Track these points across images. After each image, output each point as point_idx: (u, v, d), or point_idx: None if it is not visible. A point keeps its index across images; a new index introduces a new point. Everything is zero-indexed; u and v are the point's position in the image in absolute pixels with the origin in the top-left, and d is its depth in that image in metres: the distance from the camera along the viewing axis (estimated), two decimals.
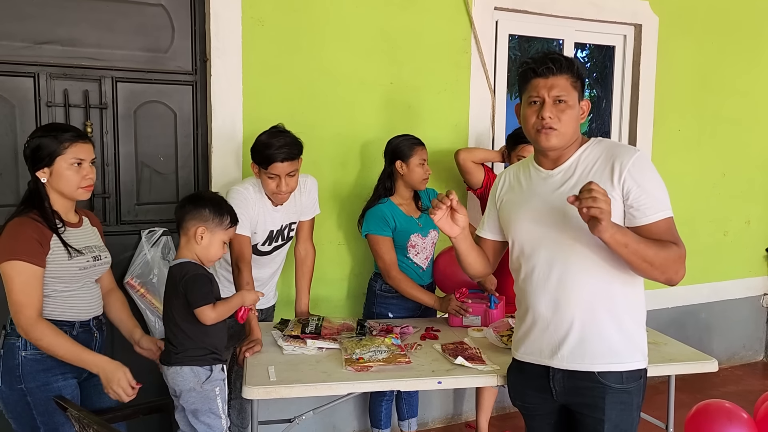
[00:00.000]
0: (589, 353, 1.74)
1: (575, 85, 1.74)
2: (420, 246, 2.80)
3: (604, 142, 1.80)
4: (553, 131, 1.72)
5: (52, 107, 2.64)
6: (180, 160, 2.89)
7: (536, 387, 1.85)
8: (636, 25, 3.78)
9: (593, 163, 1.74)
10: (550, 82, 1.72)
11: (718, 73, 4.05)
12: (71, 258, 1.93)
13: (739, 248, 4.31)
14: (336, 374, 2.14)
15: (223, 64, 2.81)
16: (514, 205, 1.87)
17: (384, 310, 2.82)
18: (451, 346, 2.39)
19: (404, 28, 3.16)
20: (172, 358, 1.97)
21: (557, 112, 1.71)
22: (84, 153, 1.96)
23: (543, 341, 1.80)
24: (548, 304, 1.77)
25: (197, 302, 1.94)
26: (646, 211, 1.67)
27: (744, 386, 4.02)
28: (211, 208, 2.01)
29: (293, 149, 2.44)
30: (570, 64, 1.73)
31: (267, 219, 2.55)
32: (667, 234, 1.68)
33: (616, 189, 1.68)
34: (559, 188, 1.76)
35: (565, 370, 1.77)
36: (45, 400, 1.91)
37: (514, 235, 1.85)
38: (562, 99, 1.72)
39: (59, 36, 2.63)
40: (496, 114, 3.45)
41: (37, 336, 1.85)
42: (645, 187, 1.67)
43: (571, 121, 1.73)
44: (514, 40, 3.85)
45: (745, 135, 4.21)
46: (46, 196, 1.94)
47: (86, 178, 1.96)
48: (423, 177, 2.76)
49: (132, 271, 2.73)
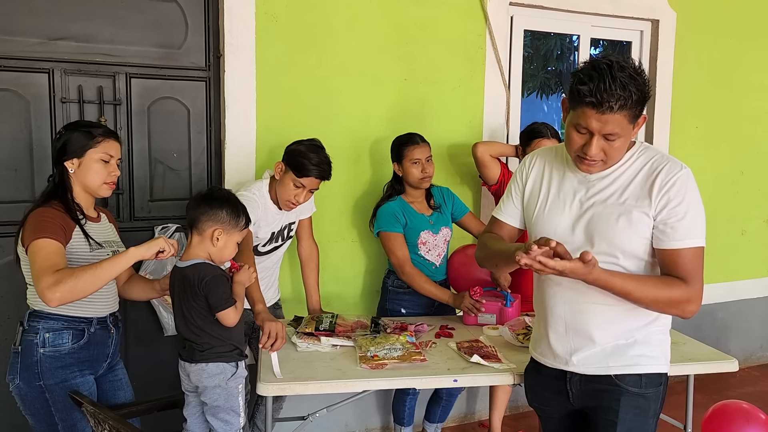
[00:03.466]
0: (606, 357, 1.70)
1: (634, 116, 1.52)
2: (431, 243, 2.77)
3: (651, 150, 1.67)
4: (596, 163, 1.60)
5: (66, 103, 2.64)
6: (193, 157, 2.89)
7: (553, 389, 1.82)
8: (653, 20, 3.73)
9: (635, 173, 1.63)
10: (606, 118, 1.49)
11: (736, 70, 3.99)
12: (92, 250, 1.94)
13: (756, 247, 4.25)
14: (350, 371, 2.12)
15: (237, 60, 2.80)
16: (543, 204, 1.75)
17: (396, 306, 2.81)
18: (467, 344, 2.37)
19: (418, 24, 3.14)
20: (197, 355, 1.93)
21: (606, 146, 1.55)
22: (114, 150, 2.01)
23: (560, 345, 1.76)
24: (567, 308, 1.73)
25: (220, 306, 1.90)
26: (674, 235, 1.58)
27: (762, 387, 3.97)
28: (228, 210, 1.97)
29: (328, 170, 2.50)
30: (634, 99, 1.48)
31: (270, 221, 2.56)
32: (687, 265, 1.58)
33: (652, 202, 1.59)
34: (594, 196, 1.66)
35: (583, 374, 1.73)
36: (63, 396, 1.91)
37: (540, 233, 1.73)
38: (613, 137, 1.53)
39: (73, 32, 2.63)
40: (510, 110, 3.42)
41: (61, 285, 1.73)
42: (679, 210, 1.57)
43: (620, 150, 1.59)
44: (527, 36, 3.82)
45: (764, 133, 4.15)
46: (70, 188, 1.97)
47: (112, 174, 2.01)
48: (419, 177, 2.71)
49: (145, 267, 2.72)
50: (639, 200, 1.60)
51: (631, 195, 1.62)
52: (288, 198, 2.48)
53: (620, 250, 1.62)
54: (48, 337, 1.91)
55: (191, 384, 1.98)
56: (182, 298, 1.94)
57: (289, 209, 2.55)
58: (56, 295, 1.73)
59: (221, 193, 2.06)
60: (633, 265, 1.64)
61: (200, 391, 1.96)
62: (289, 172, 2.46)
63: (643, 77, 1.53)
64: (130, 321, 2.77)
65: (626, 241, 1.62)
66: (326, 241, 3.02)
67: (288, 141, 2.65)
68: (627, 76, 1.48)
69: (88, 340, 1.97)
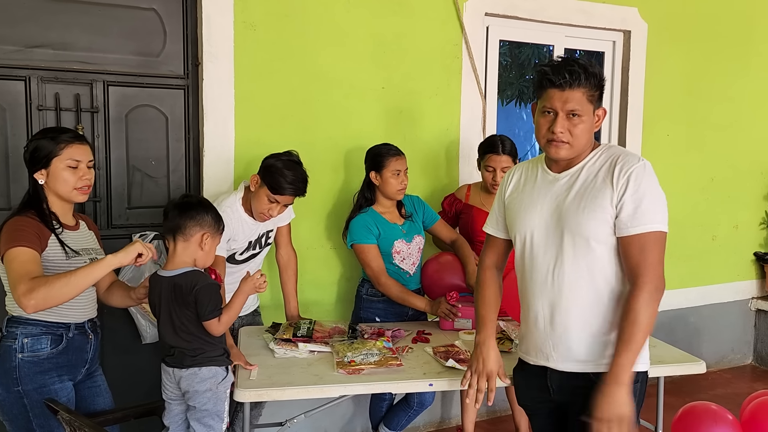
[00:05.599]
0: (584, 355, 1.76)
1: (592, 97, 1.71)
2: (405, 252, 2.80)
3: (613, 148, 1.79)
4: (563, 144, 1.72)
5: (43, 111, 2.64)
6: (171, 164, 2.89)
7: (536, 386, 1.87)
8: (625, 31, 3.82)
9: (598, 169, 1.74)
10: (566, 95, 1.68)
11: (706, 80, 4.09)
12: (68, 258, 1.94)
13: (727, 252, 4.35)
14: (327, 377, 2.14)
15: (215, 68, 2.82)
16: (519, 205, 1.88)
17: (371, 314, 2.82)
18: (443, 349, 2.40)
19: (396, 33, 3.19)
20: (188, 360, 1.95)
21: (570, 126, 1.70)
22: (80, 154, 1.97)
23: (541, 341, 1.83)
24: (546, 304, 1.80)
25: (209, 315, 1.93)
26: (630, 222, 1.66)
27: (732, 389, 4.05)
28: (212, 214, 2.02)
29: (303, 188, 2.48)
30: (588, 76, 1.68)
31: (246, 231, 2.56)
32: (637, 255, 1.66)
33: (613, 191, 1.68)
34: (562, 193, 1.78)
35: (561, 370, 1.79)
36: (41, 402, 1.91)
37: (518, 234, 1.87)
38: (576, 113, 1.69)
39: (51, 39, 2.63)
40: (486, 119, 3.47)
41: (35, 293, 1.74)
42: (638, 196, 1.66)
43: (584, 134, 1.72)
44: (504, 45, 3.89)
45: (733, 140, 4.26)
46: (44, 198, 1.96)
47: (82, 179, 1.98)
48: (397, 188, 2.74)
49: (122, 275, 2.72)
50: (601, 191, 1.70)
51: (594, 187, 1.73)
52: (262, 211, 2.49)
53: (589, 238, 1.71)
54: (26, 343, 1.91)
55: (177, 390, 1.99)
56: (172, 306, 1.95)
57: (262, 221, 2.57)
58: (31, 302, 1.75)
59: (200, 199, 2.10)
60: (604, 250, 1.71)
61: (189, 396, 1.96)
62: (264, 187, 2.45)
63: (596, 68, 1.72)
64: (108, 329, 2.75)
65: (592, 229, 1.71)
66: (305, 248, 3.04)
67: (267, 149, 2.67)
68: (580, 63, 1.70)
69: (66, 346, 1.97)
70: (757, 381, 4.22)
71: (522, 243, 1.86)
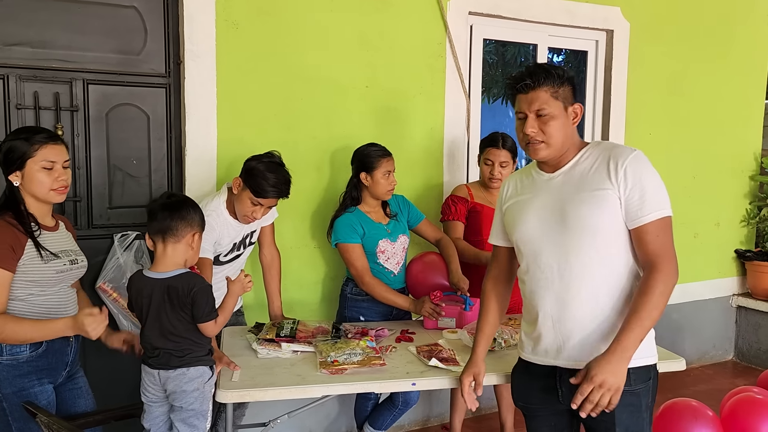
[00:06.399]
0: (595, 351, 1.74)
1: (557, 94, 1.75)
2: (390, 251, 2.80)
3: (603, 144, 1.82)
4: (540, 144, 1.76)
5: (22, 110, 2.60)
6: (153, 164, 2.87)
7: (542, 388, 1.86)
8: (608, 30, 3.85)
9: (592, 163, 1.77)
10: (530, 97, 1.75)
11: (688, 78, 4.13)
12: (46, 262, 1.92)
13: (708, 250, 4.40)
14: (310, 377, 2.13)
15: (197, 67, 2.80)
16: (518, 208, 1.90)
17: (355, 313, 2.82)
18: (426, 348, 2.40)
19: (380, 32, 3.18)
20: (175, 361, 1.93)
21: (540, 125, 1.75)
22: (55, 155, 1.94)
23: (549, 340, 1.82)
24: (553, 302, 1.80)
25: (206, 317, 1.93)
26: (642, 209, 1.69)
27: (713, 385, 4.10)
28: (199, 212, 2.02)
29: (286, 189, 2.46)
30: (548, 75, 1.74)
31: (231, 233, 2.55)
32: (653, 242, 1.69)
33: (614, 185, 1.71)
34: (560, 189, 1.80)
35: (572, 369, 1.78)
36: (21, 406, 1.88)
37: (519, 236, 1.88)
38: (543, 112, 1.74)
39: (29, 38, 2.60)
40: (471, 118, 3.48)
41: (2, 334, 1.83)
42: (641, 185, 1.69)
43: (558, 131, 1.75)
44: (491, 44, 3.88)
45: (714, 139, 4.31)
46: (21, 200, 1.92)
47: (58, 180, 1.94)
48: (387, 188, 2.75)
49: (104, 275, 2.70)
50: (600, 183, 1.72)
51: (592, 180, 1.74)
52: (245, 214, 2.48)
53: (593, 230, 1.72)
54: (5, 347, 1.88)
55: (161, 392, 1.97)
56: (164, 309, 1.93)
57: (246, 223, 2.56)
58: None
59: (185, 198, 2.08)
60: (609, 240, 1.72)
61: (176, 397, 1.95)
62: (246, 190, 2.43)
63: (559, 67, 1.77)
64: None
65: (594, 220, 1.72)
66: (288, 248, 3.03)
67: (249, 148, 2.66)
68: (539, 65, 1.78)
69: (46, 348, 1.95)
70: (738, 377, 4.27)
71: (524, 245, 1.87)
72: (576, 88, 1.80)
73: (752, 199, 4.56)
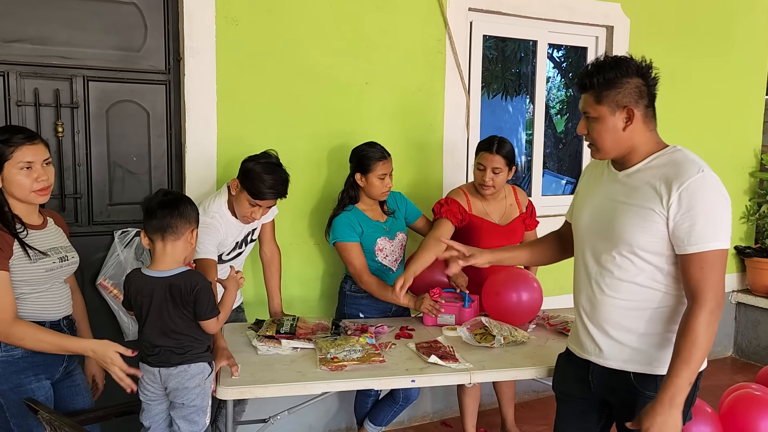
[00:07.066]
0: (625, 353, 1.76)
1: (601, 98, 1.72)
2: (388, 249, 2.81)
3: (677, 153, 1.73)
4: (591, 145, 1.80)
5: (22, 107, 2.60)
6: (153, 160, 2.87)
7: (576, 376, 1.92)
8: (608, 26, 3.84)
9: (654, 175, 1.70)
10: (583, 97, 1.78)
11: (687, 75, 4.13)
12: (34, 261, 1.91)
13: None
14: (310, 374, 2.15)
15: (197, 63, 2.80)
16: (581, 199, 1.94)
17: (355, 310, 2.83)
18: (425, 345, 2.41)
19: (379, 28, 3.18)
20: (176, 358, 1.94)
21: (588, 127, 1.78)
22: (32, 155, 1.90)
23: (583, 335, 1.86)
24: (586, 300, 1.84)
25: (208, 314, 1.95)
26: (690, 239, 1.63)
27: (713, 381, 4.10)
28: (195, 207, 2.03)
29: (284, 190, 2.46)
30: (593, 79, 1.73)
31: (234, 233, 2.56)
32: (695, 274, 1.62)
33: (663, 207, 1.65)
34: (616, 191, 1.78)
35: (603, 366, 1.81)
36: (18, 402, 1.89)
37: (574, 225, 1.95)
38: (588, 115, 1.76)
39: (29, 34, 2.60)
40: (471, 115, 3.48)
41: (19, 337, 1.85)
42: (693, 213, 1.62)
43: (601, 135, 1.74)
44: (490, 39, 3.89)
45: (713, 135, 4.30)
46: (4, 202, 1.90)
47: (39, 180, 1.91)
48: (382, 191, 2.73)
49: (105, 272, 2.71)
50: (651, 201, 1.67)
51: (645, 194, 1.69)
52: (245, 214, 2.48)
53: (629, 245, 1.71)
54: (1, 342, 1.89)
55: (161, 390, 1.98)
56: (166, 307, 1.93)
57: (247, 223, 2.56)
58: (11, 340, 1.86)
59: (181, 195, 2.09)
60: (645, 260, 1.70)
61: (177, 394, 1.96)
62: (244, 192, 2.43)
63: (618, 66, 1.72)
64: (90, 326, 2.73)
65: (634, 236, 1.70)
66: (288, 244, 3.03)
67: (249, 145, 2.66)
68: (598, 65, 1.75)
69: None
70: (738, 373, 4.28)
71: (574, 236, 1.94)
72: (648, 84, 1.74)
73: (752, 196, 4.56)
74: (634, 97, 1.72)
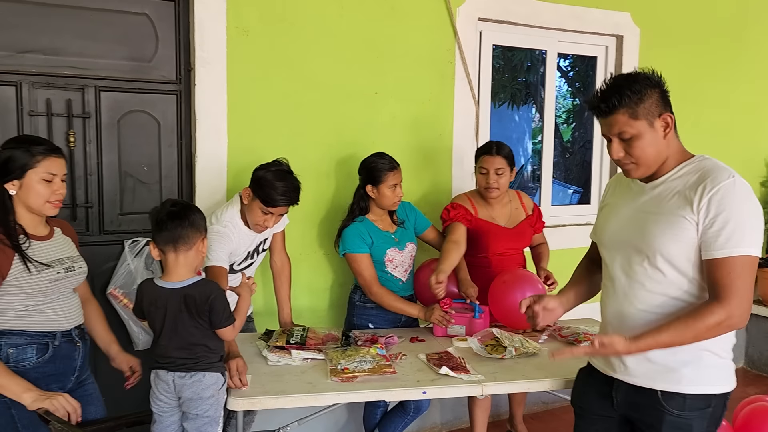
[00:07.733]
0: (652, 371, 1.72)
1: (636, 113, 1.65)
2: (398, 260, 2.80)
3: (706, 162, 1.72)
4: (630, 164, 1.72)
5: (34, 116, 2.62)
6: (164, 170, 2.88)
7: (598, 392, 1.88)
8: (618, 36, 3.84)
9: (684, 183, 1.69)
10: (609, 121, 1.69)
11: (698, 84, 4.11)
12: (35, 274, 1.89)
13: None
14: (321, 385, 2.14)
15: (208, 73, 2.81)
16: (607, 212, 1.91)
17: (364, 321, 2.82)
18: (436, 356, 2.40)
19: (389, 39, 3.18)
20: (191, 368, 1.94)
21: (626, 148, 1.69)
22: (56, 168, 1.93)
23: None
24: (614, 314, 1.81)
25: (224, 322, 1.95)
26: (717, 243, 1.60)
27: None
28: (203, 216, 2.03)
29: (296, 197, 2.46)
30: (622, 96, 1.65)
31: (246, 242, 2.56)
32: (723, 278, 1.59)
33: (694, 213, 1.63)
34: (646, 203, 1.75)
35: (629, 383, 1.77)
36: (29, 412, 1.87)
37: (600, 241, 1.91)
38: (625, 136, 1.68)
39: (42, 45, 2.62)
40: (480, 124, 3.48)
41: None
42: (723, 217, 1.59)
43: (644, 150, 1.67)
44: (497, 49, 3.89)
45: (725, 145, 4.27)
46: (11, 210, 1.89)
47: (56, 193, 1.93)
48: (393, 201, 2.74)
49: (115, 281, 2.71)
50: (682, 208, 1.65)
51: (676, 202, 1.68)
52: (257, 223, 2.48)
53: (661, 255, 1.67)
54: (11, 353, 1.88)
55: (174, 400, 1.97)
56: (181, 318, 1.93)
57: (259, 232, 2.56)
58: None
59: (189, 204, 2.09)
60: (679, 267, 1.67)
61: (192, 405, 1.95)
62: (256, 200, 2.44)
63: (636, 80, 1.68)
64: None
65: (665, 245, 1.67)
66: (298, 254, 3.03)
67: (259, 155, 2.66)
68: (613, 85, 1.69)
69: (53, 354, 1.95)
70: (749, 385, 4.24)
71: (601, 250, 1.89)
72: (664, 92, 1.71)
73: (763, 206, 4.51)
74: (662, 104, 1.70)
